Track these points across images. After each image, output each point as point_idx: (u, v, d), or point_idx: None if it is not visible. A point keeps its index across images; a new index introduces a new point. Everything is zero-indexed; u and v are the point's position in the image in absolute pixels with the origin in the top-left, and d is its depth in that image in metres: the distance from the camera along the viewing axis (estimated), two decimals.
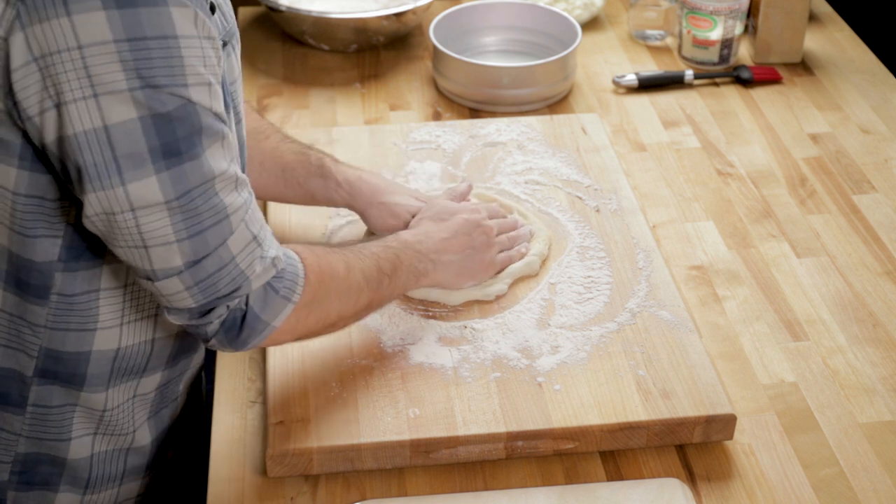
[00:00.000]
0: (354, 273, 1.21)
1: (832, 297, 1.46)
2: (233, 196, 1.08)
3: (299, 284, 1.14)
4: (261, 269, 1.11)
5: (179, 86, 1.01)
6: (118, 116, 1.00)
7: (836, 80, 1.91)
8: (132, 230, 1.05)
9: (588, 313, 1.35)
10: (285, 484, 1.20)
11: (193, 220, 1.05)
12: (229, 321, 1.12)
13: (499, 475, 1.22)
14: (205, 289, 1.08)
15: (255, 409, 1.29)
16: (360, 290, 1.22)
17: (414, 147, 1.64)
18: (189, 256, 1.06)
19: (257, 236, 1.11)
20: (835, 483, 1.22)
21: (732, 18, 1.88)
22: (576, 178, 1.58)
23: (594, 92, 1.88)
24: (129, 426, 1.24)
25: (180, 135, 1.02)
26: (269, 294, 1.12)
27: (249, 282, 1.10)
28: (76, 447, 1.22)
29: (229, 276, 1.09)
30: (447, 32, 1.89)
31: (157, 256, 1.06)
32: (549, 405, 1.23)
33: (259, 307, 1.12)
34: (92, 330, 1.16)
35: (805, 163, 1.71)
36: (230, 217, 1.07)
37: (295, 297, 1.14)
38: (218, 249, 1.07)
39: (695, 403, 1.23)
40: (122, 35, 0.98)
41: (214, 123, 1.05)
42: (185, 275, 1.07)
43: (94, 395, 1.19)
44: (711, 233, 1.57)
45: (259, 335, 1.13)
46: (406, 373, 1.27)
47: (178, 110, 1.01)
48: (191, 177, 1.04)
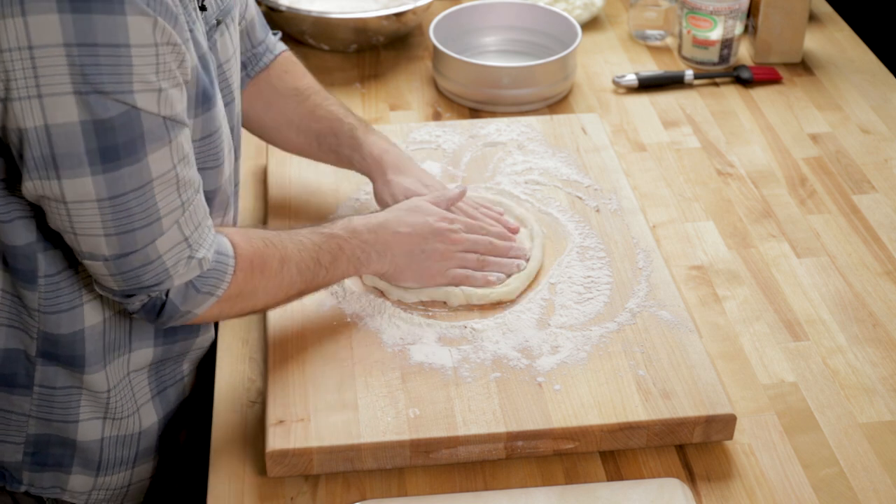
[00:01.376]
0: (289, 267, 1.23)
1: (832, 297, 1.46)
2: (171, 198, 1.10)
3: (224, 282, 1.17)
4: (185, 270, 1.14)
5: (125, 93, 1.03)
6: (60, 118, 1.01)
7: (836, 80, 1.91)
8: (63, 218, 1.07)
9: (588, 313, 1.35)
10: (285, 484, 1.20)
11: (124, 219, 1.07)
12: (149, 305, 1.15)
13: (499, 475, 1.22)
14: (128, 279, 1.11)
15: (255, 409, 1.29)
16: (292, 283, 1.24)
17: (414, 147, 1.64)
18: (115, 250, 1.09)
19: (189, 238, 1.13)
20: (835, 483, 1.22)
21: (732, 18, 1.88)
22: (576, 178, 1.58)
23: (594, 92, 1.88)
24: (132, 406, 1.26)
25: (121, 140, 1.04)
26: (189, 290, 1.16)
27: (171, 279, 1.13)
28: (85, 430, 1.24)
29: (153, 272, 1.12)
30: (447, 32, 1.89)
31: (85, 243, 1.09)
32: (549, 405, 1.23)
33: (179, 300, 1.16)
34: (80, 306, 1.18)
35: (805, 163, 1.71)
36: (162, 219, 1.10)
37: (218, 293, 1.17)
38: (146, 248, 1.10)
39: (695, 403, 1.23)
40: (73, 39, 0.99)
41: (159, 129, 1.06)
42: (110, 263, 1.10)
43: (95, 376, 1.21)
44: (711, 233, 1.57)
45: (179, 319, 1.17)
46: (406, 373, 1.27)
47: (121, 116, 1.03)
48: (127, 180, 1.06)
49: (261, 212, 1.57)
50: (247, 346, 1.36)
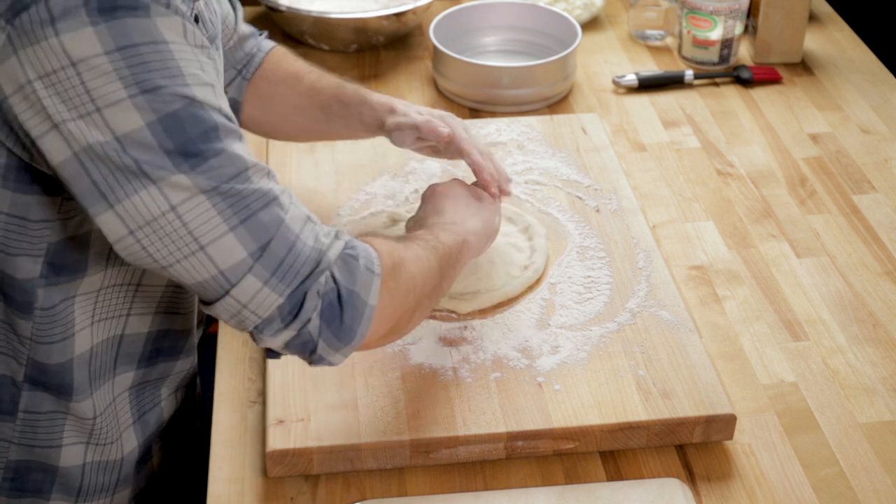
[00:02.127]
0: (409, 244, 1.17)
1: (832, 297, 1.46)
2: (271, 182, 1.06)
3: (375, 256, 1.10)
4: (329, 241, 1.08)
5: (180, 86, 1.00)
6: (126, 126, 0.98)
7: (836, 80, 1.91)
8: (180, 230, 1.01)
9: (588, 313, 1.35)
10: (285, 484, 1.20)
11: (240, 205, 1.02)
12: (327, 309, 1.06)
13: (499, 475, 1.22)
14: (283, 275, 1.04)
15: (255, 409, 1.28)
16: (429, 259, 1.17)
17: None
18: (252, 244, 1.03)
19: (309, 215, 1.08)
20: (835, 483, 1.22)
21: (732, 18, 1.88)
22: (576, 178, 1.58)
23: (594, 92, 1.88)
24: (115, 432, 1.24)
25: (194, 133, 1.00)
26: (350, 263, 1.08)
27: (325, 254, 1.06)
28: (67, 455, 1.21)
29: (303, 255, 1.05)
30: (447, 32, 1.89)
31: (218, 254, 1.02)
32: (549, 405, 1.23)
33: (348, 279, 1.07)
34: (71, 336, 1.16)
35: (805, 163, 1.71)
36: (279, 197, 1.05)
37: (377, 269, 1.09)
38: (279, 230, 1.04)
39: (695, 403, 1.23)
40: (112, 46, 0.97)
41: (228, 123, 1.03)
42: (257, 267, 1.03)
43: (82, 403, 1.19)
44: (711, 233, 1.57)
45: (361, 318, 1.08)
46: (406, 373, 1.27)
47: (185, 109, 1.00)
48: (220, 170, 1.01)
49: None
50: (247, 347, 1.36)
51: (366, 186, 1.55)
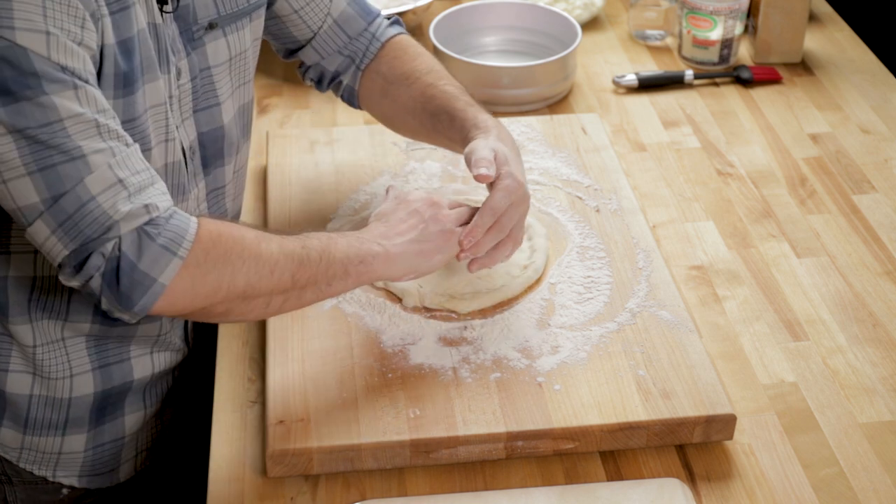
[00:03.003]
0: (267, 243, 1.15)
1: (832, 297, 1.46)
2: (93, 140, 1.08)
3: (186, 239, 1.10)
4: (127, 210, 1.08)
5: (4, 28, 1.03)
6: None
7: (836, 80, 1.91)
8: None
9: (588, 313, 1.35)
10: (285, 484, 1.20)
11: (42, 154, 1.06)
12: (108, 272, 1.09)
13: (499, 475, 1.22)
14: (68, 230, 1.08)
15: (255, 409, 1.28)
16: (276, 262, 1.15)
17: (414, 147, 1.64)
18: (45, 193, 1.07)
19: (124, 181, 1.09)
20: (835, 483, 1.22)
21: (732, 18, 1.88)
22: (576, 178, 1.58)
23: (594, 92, 1.88)
24: (65, 370, 1.26)
25: (8, 74, 1.04)
26: (143, 240, 1.09)
27: (117, 224, 1.08)
28: (13, 382, 1.25)
29: (91, 217, 1.08)
30: (447, 32, 1.89)
31: (16, 192, 1.07)
32: (549, 405, 1.23)
33: (133, 254, 1.08)
34: (6, 253, 1.18)
35: (805, 163, 1.71)
36: (87, 157, 1.07)
37: (181, 252, 1.09)
38: (75, 188, 1.07)
39: (695, 403, 1.23)
40: None
41: (56, 73, 1.06)
42: (46, 215, 1.08)
43: (20, 327, 1.22)
44: (711, 233, 1.57)
45: (146, 292, 1.09)
46: (406, 373, 1.27)
47: (3, 51, 1.03)
48: (29, 115, 1.05)
49: (261, 212, 1.57)
50: (247, 347, 1.36)
51: (366, 186, 1.55)
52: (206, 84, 1.27)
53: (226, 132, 1.33)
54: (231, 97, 1.33)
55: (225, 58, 1.28)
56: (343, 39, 1.44)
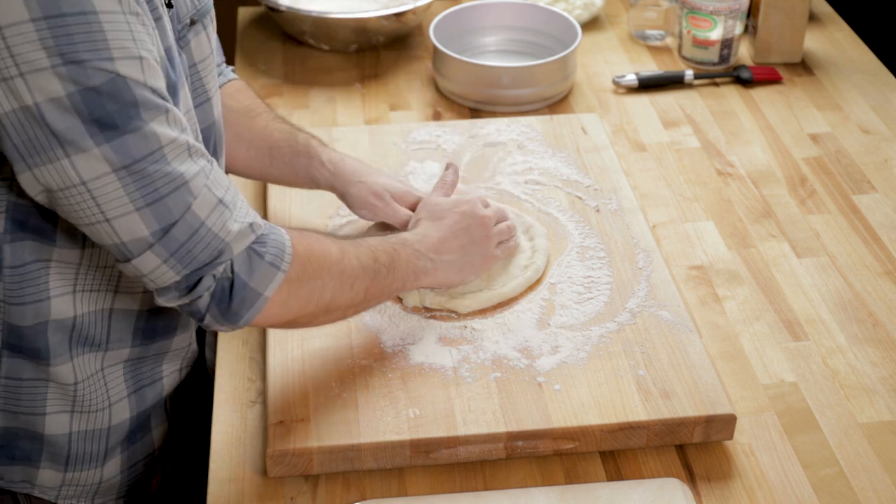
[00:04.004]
0: (349, 258, 1.21)
1: (832, 297, 1.46)
2: (188, 164, 1.07)
3: (287, 253, 1.14)
4: (237, 231, 1.10)
5: (104, 59, 1.01)
6: (46, 94, 1.00)
7: (836, 80, 1.91)
8: (88, 203, 1.05)
9: (588, 313, 1.35)
10: (285, 484, 1.20)
11: (149, 188, 1.05)
12: (218, 292, 1.11)
13: (499, 475, 1.22)
14: (182, 258, 1.08)
15: (255, 409, 1.29)
16: (356, 276, 1.21)
17: (414, 147, 1.64)
18: (154, 225, 1.06)
19: (223, 199, 1.10)
20: (835, 483, 1.22)
21: (732, 18, 1.88)
22: (576, 178, 1.58)
23: (594, 92, 1.88)
24: (104, 401, 1.25)
25: (112, 108, 1.02)
26: (253, 259, 1.12)
27: (229, 245, 1.10)
28: (52, 423, 1.22)
29: (204, 242, 1.08)
30: (447, 32, 1.89)
31: (122, 228, 1.06)
32: (549, 405, 1.23)
33: (245, 273, 1.11)
34: (47, 299, 1.16)
35: (805, 163, 1.71)
36: (189, 182, 1.07)
37: (284, 266, 1.13)
38: (184, 216, 1.07)
39: (695, 403, 1.23)
40: (40, 13, 0.98)
41: (152, 98, 1.05)
42: (158, 247, 1.07)
43: (61, 367, 1.20)
44: (711, 233, 1.57)
45: (251, 307, 1.12)
46: (406, 373, 1.27)
47: (107, 84, 1.01)
48: (134, 148, 1.04)
49: (261, 212, 1.57)
50: (247, 346, 1.36)
51: None
52: (195, 81, 1.27)
53: (217, 127, 1.34)
54: (216, 92, 1.34)
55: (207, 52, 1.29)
56: None
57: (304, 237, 1.17)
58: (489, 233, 1.37)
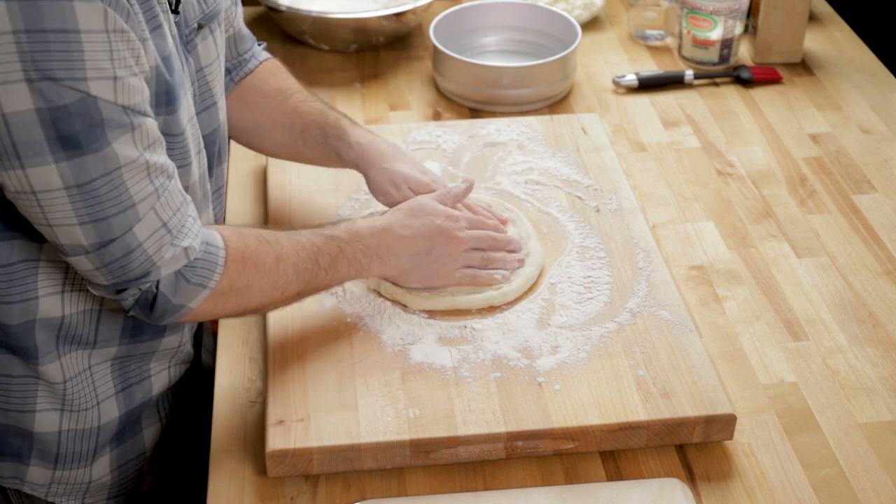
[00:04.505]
0: (284, 265, 1.22)
1: (832, 297, 1.46)
2: (143, 184, 1.09)
3: (216, 272, 1.17)
4: (170, 257, 1.13)
5: (78, 80, 1.02)
6: (15, 106, 1.01)
7: (836, 80, 1.91)
8: (36, 210, 1.07)
9: (588, 313, 1.35)
10: (285, 484, 1.20)
11: (96, 206, 1.07)
12: (142, 300, 1.15)
13: (499, 475, 1.22)
14: (113, 270, 1.11)
15: (255, 409, 1.29)
16: (288, 283, 1.23)
17: (414, 147, 1.64)
18: (93, 239, 1.09)
19: (167, 223, 1.12)
20: (835, 483, 1.22)
21: (732, 18, 1.88)
22: (576, 178, 1.58)
23: (594, 92, 1.88)
24: (92, 399, 1.25)
25: (79, 127, 1.03)
26: (179, 282, 1.15)
27: (158, 268, 1.13)
28: (41, 421, 1.23)
29: (137, 262, 1.11)
30: (447, 32, 1.89)
31: (62, 234, 1.09)
32: (549, 405, 1.23)
33: (170, 292, 1.15)
34: (34, 299, 1.18)
35: (805, 163, 1.71)
36: (136, 206, 1.09)
37: (210, 284, 1.17)
38: (124, 236, 1.09)
39: (695, 403, 1.23)
40: (21, 26, 0.98)
41: (120, 116, 1.06)
42: (93, 256, 1.10)
43: (49, 366, 1.21)
44: (711, 233, 1.57)
45: (174, 314, 1.17)
46: (406, 373, 1.27)
47: (77, 104, 1.02)
48: (92, 167, 1.05)
49: (261, 212, 1.57)
50: (247, 346, 1.36)
51: (366, 186, 1.55)
52: (202, 85, 1.27)
53: (222, 132, 1.34)
54: (222, 95, 1.34)
55: (214, 56, 1.29)
56: (233, 52, 1.47)
57: (239, 250, 1.19)
58: (455, 253, 1.36)
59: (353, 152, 1.44)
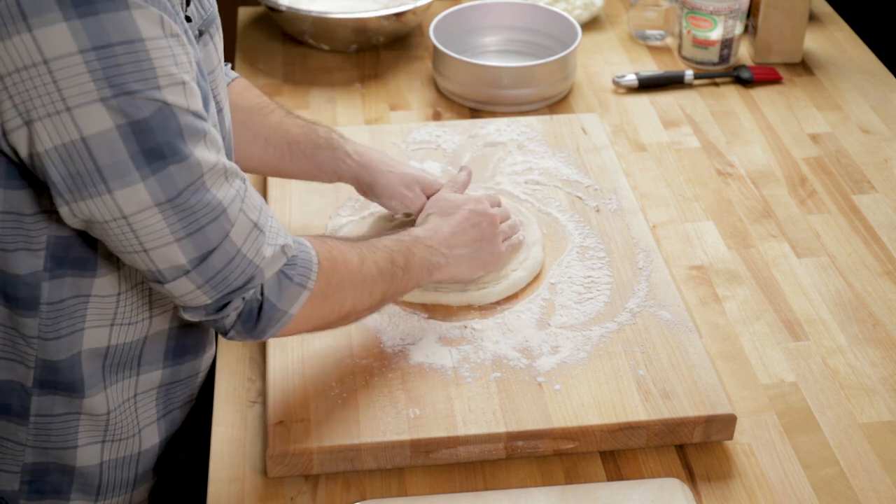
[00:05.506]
0: (368, 264, 1.21)
1: (832, 297, 1.46)
2: (225, 188, 1.07)
3: (313, 271, 1.15)
4: (270, 256, 1.11)
5: (153, 89, 1.00)
6: (95, 127, 0.99)
7: (836, 80, 1.91)
8: (128, 236, 1.04)
9: (588, 313, 1.35)
10: (285, 484, 1.20)
11: (190, 219, 1.04)
12: (246, 312, 1.12)
13: (499, 475, 1.22)
14: (216, 285, 1.08)
15: (255, 409, 1.29)
16: (374, 282, 1.22)
17: (414, 147, 1.64)
18: (193, 254, 1.06)
19: (258, 223, 1.10)
20: (835, 483, 1.22)
21: (732, 18, 1.88)
22: (576, 178, 1.58)
23: (594, 92, 1.88)
24: (134, 428, 1.24)
25: (161, 139, 1.01)
26: (283, 282, 1.13)
27: (262, 271, 1.10)
28: (83, 455, 1.21)
29: (239, 269, 1.09)
30: (447, 32, 1.89)
31: (159, 257, 1.06)
32: (549, 405, 1.23)
33: (275, 296, 1.12)
34: (80, 331, 1.16)
35: (805, 163, 1.71)
36: (227, 210, 1.07)
37: (310, 284, 1.14)
38: (222, 244, 1.07)
39: (695, 403, 1.23)
40: (88, 45, 0.96)
41: (195, 122, 1.04)
42: (193, 274, 1.07)
43: (94, 398, 1.19)
44: (711, 233, 1.57)
45: (277, 324, 1.14)
46: (406, 373, 1.27)
47: (155, 115, 1.00)
48: (178, 178, 1.03)
49: None
50: (247, 346, 1.36)
51: None
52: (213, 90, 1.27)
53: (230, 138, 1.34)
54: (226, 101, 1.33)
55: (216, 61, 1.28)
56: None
57: (327, 249, 1.18)
58: (496, 230, 1.38)
59: (353, 161, 1.43)
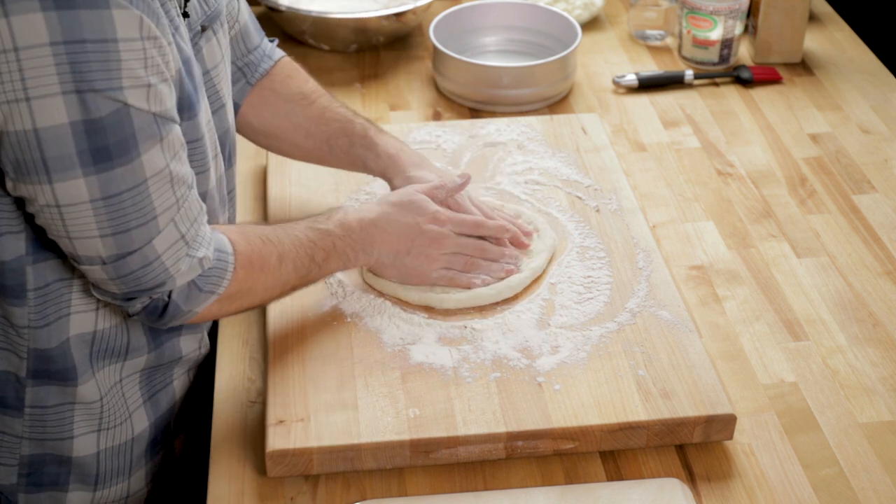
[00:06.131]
0: (286, 264, 1.24)
1: (832, 297, 1.46)
2: (166, 196, 1.08)
3: (225, 280, 1.18)
4: (186, 268, 1.13)
5: (115, 89, 1.01)
6: (49, 120, 1.00)
7: (836, 80, 1.91)
8: (56, 222, 1.06)
9: (588, 313, 1.35)
10: (285, 484, 1.20)
11: (119, 219, 1.06)
12: (150, 307, 1.15)
13: (499, 475, 1.22)
14: (127, 282, 1.11)
15: (255, 409, 1.29)
16: (288, 280, 1.25)
17: (414, 147, 1.64)
18: (112, 251, 1.08)
19: (185, 235, 1.12)
20: (835, 483, 1.22)
21: (732, 18, 1.88)
22: (576, 178, 1.58)
23: (594, 92, 1.88)
24: (124, 413, 1.25)
25: (112, 139, 1.02)
26: (192, 290, 1.15)
27: (174, 279, 1.13)
28: (80, 445, 1.22)
29: (153, 274, 1.11)
30: (447, 32, 1.89)
31: (80, 246, 1.08)
32: (549, 405, 1.23)
33: (182, 300, 1.15)
34: (66, 316, 1.17)
35: (805, 163, 1.71)
36: (158, 218, 1.08)
37: (220, 290, 1.18)
38: (143, 248, 1.09)
39: (695, 403, 1.23)
40: (59, 38, 0.97)
41: (150, 126, 1.05)
42: (108, 267, 1.09)
43: (86, 385, 1.20)
44: (711, 233, 1.57)
45: (180, 319, 1.17)
46: (406, 373, 1.27)
47: (112, 115, 1.01)
48: (121, 180, 1.04)
49: (261, 212, 1.57)
50: (247, 346, 1.36)
51: (366, 186, 1.55)
52: (210, 88, 1.27)
53: (231, 135, 1.34)
54: (230, 98, 1.33)
55: (219, 58, 1.28)
56: (242, 50, 1.45)
57: (246, 253, 1.20)
58: (433, 255, 1.35)
59: (382, 163, 1.44)
